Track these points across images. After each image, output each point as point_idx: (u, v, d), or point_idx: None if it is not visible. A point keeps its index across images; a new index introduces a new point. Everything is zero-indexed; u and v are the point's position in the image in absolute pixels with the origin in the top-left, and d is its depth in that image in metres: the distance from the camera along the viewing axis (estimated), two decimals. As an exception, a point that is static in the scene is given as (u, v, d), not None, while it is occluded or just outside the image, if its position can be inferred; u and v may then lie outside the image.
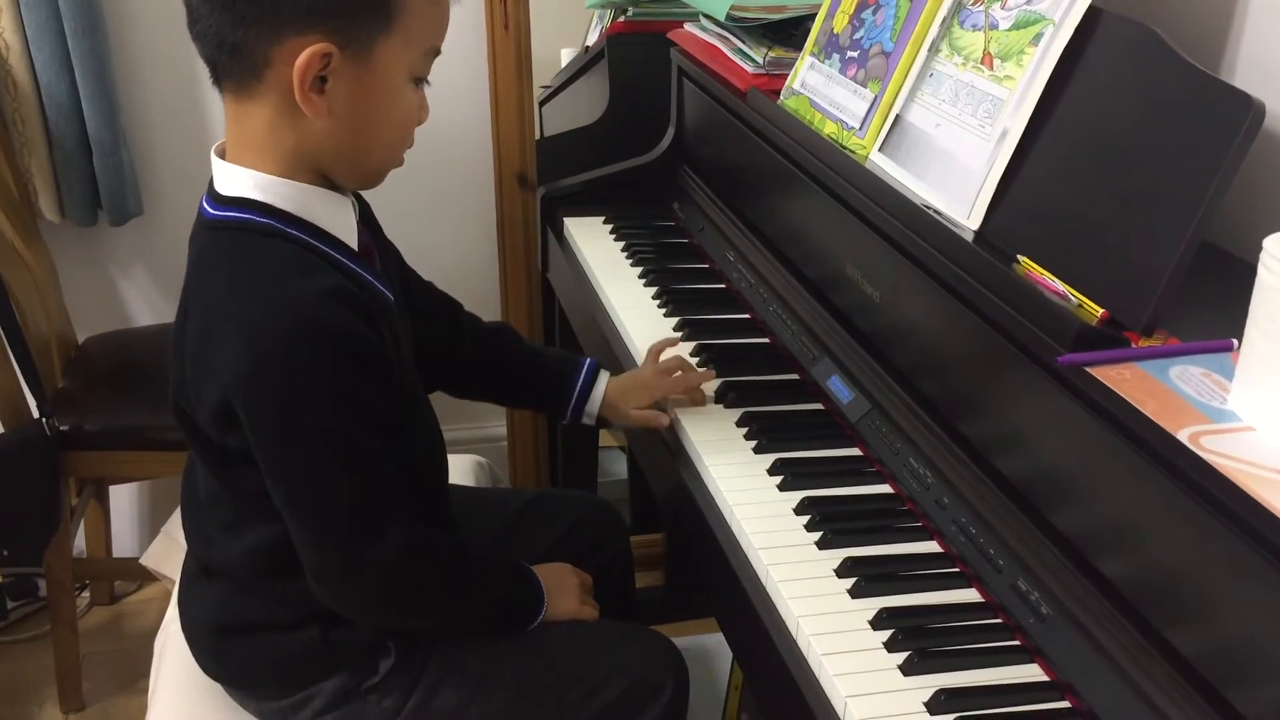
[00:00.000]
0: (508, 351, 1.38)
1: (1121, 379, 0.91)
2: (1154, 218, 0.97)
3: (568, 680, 1.20)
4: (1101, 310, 0.99)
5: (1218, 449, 0.83)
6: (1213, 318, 0.97)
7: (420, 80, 1.07)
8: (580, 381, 1.34)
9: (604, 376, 1.36)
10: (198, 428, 1.09)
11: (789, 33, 1.67)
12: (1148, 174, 1.00)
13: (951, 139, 1.21)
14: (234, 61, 1.00)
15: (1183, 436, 0.84)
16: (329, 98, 1.00)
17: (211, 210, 1.06)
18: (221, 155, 1.07)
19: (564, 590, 1.24)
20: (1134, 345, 0.95)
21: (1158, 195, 0.98)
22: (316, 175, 1.06)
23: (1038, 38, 1.13)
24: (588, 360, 1.37)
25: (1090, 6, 1.10)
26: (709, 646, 1.83)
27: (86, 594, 2.21)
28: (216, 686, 1.22)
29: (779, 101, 1.54)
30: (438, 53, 1.07)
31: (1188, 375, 0.91)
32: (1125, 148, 1.03)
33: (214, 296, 1.04)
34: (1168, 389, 0.90)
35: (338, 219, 1.08)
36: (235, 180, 1.04)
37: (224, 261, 1.04)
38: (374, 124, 1.05)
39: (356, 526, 1.06)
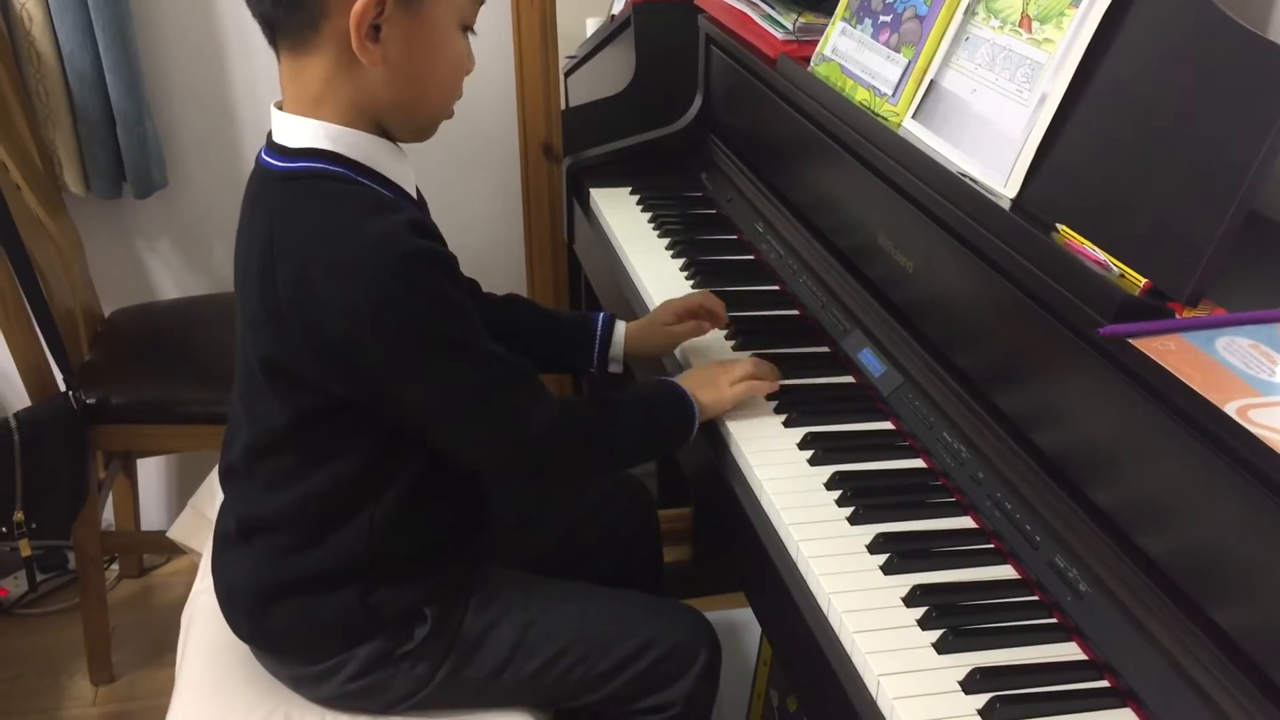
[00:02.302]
0: (523, 316, 1.39)
1: (1166, 351, 0.88)
2: (1199, 185, 0.94)
3: (600, 650, 1.20)
4: (1144, 280, 0.96)
5: (1267, 423, 0.80)
6: (1260, 288, 0.95)
7: (467, 28, 1.09)
8: (600, 329, 1.37)
9: (620, 323, 1.39)
10: (283, 375, 1.08)
11: (819, -3, 1.64)
12: (1193, 139, 0.97)
13: (988, 105, 1.18)
14: (291, 16, 1.02)
15: (1230, 410, 0.82)
16: (384, 45, 1.03)
17: (280, 163, 1.07)
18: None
19: (713, 384, 1.24)
20: (1178, 316, 0.93)
21: (1203, 161, 0.95)
22: (374, 128, 1.08)
23: (1078, -1, 1.10)
24: (601, 313, 1.39)
25: (1133, -34, 1.06)
26: (737, 621, 1.82)
27: (115, 566, 2.23)
28: (245, 657, 1.22)
29: (809, 68, 1.51)
30: (482, 1, 1.10)
31: (1235, 347, 0.89)
32: (1170, 112, 1.00)
33: (308, 241, 1.03)
34: (1214, 361, 0.87)
35: (400, 170, 1.11)
36: (303, 131, 1.06)
37: (311, 207, 1.05)
38: (428, 71, 1.07)
39: (517, 405, 1.10)
